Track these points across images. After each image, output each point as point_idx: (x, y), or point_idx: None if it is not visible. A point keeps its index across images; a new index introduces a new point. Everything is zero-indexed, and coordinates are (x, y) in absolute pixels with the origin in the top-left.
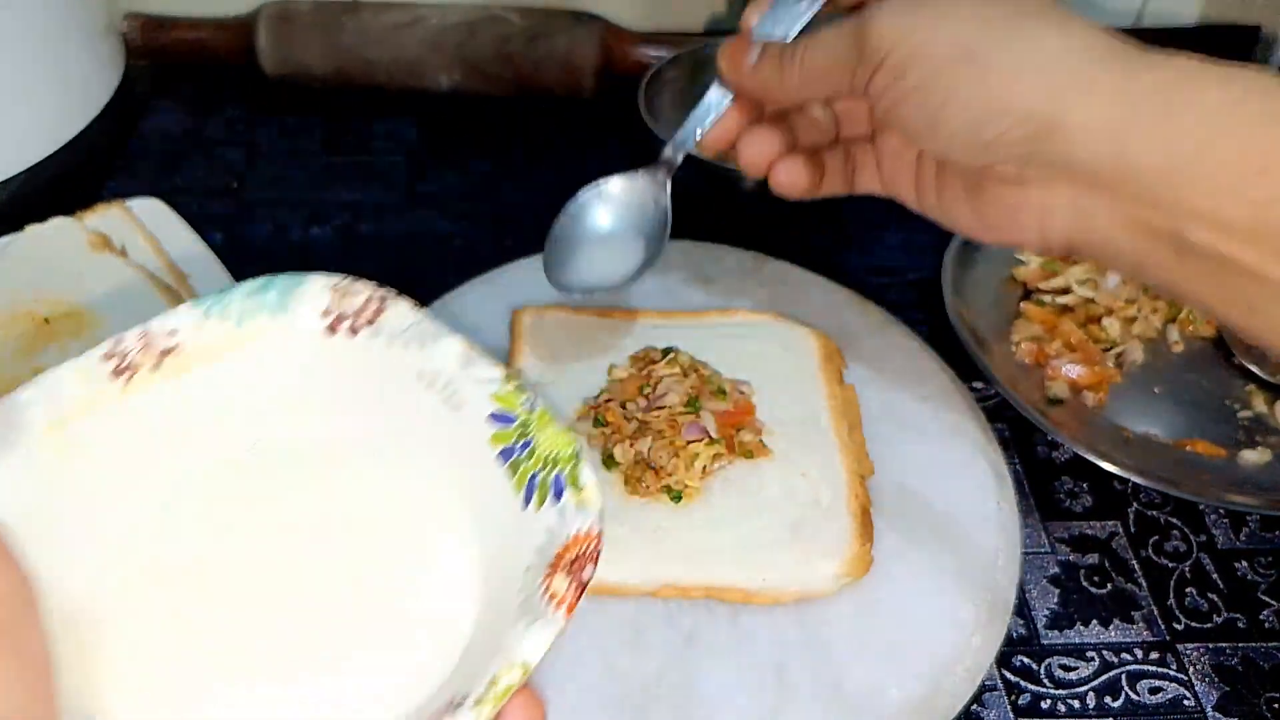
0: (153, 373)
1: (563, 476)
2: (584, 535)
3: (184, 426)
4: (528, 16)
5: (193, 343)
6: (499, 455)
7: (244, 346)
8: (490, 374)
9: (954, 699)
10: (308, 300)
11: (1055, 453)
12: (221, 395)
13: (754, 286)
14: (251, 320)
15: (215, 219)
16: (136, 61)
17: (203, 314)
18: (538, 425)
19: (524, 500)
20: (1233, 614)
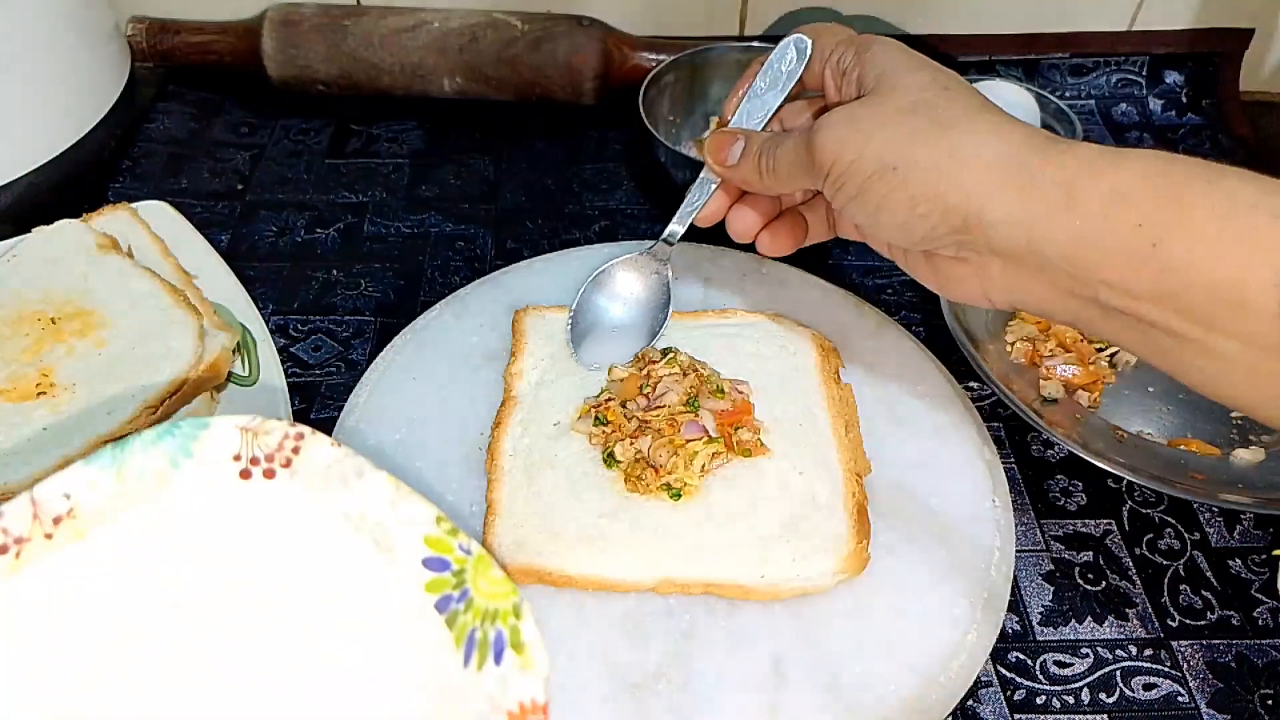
0: (46, 542)
1: (504, 634)
2: (528, 707)
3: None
4: (530, 22)
5: (89, 504)
6: (435, 605)
7: (148, 501)
8: (421, 514)
9: (949, 694)
10: (215, 445)
11: (1050, 451)
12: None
13: (752, 287)
14: (152, 472)
15: (220, 221)
16: (142, 65)
17: (96, 471)
18: (475, 571)
19: (464, 656)
20: (1226, 611)
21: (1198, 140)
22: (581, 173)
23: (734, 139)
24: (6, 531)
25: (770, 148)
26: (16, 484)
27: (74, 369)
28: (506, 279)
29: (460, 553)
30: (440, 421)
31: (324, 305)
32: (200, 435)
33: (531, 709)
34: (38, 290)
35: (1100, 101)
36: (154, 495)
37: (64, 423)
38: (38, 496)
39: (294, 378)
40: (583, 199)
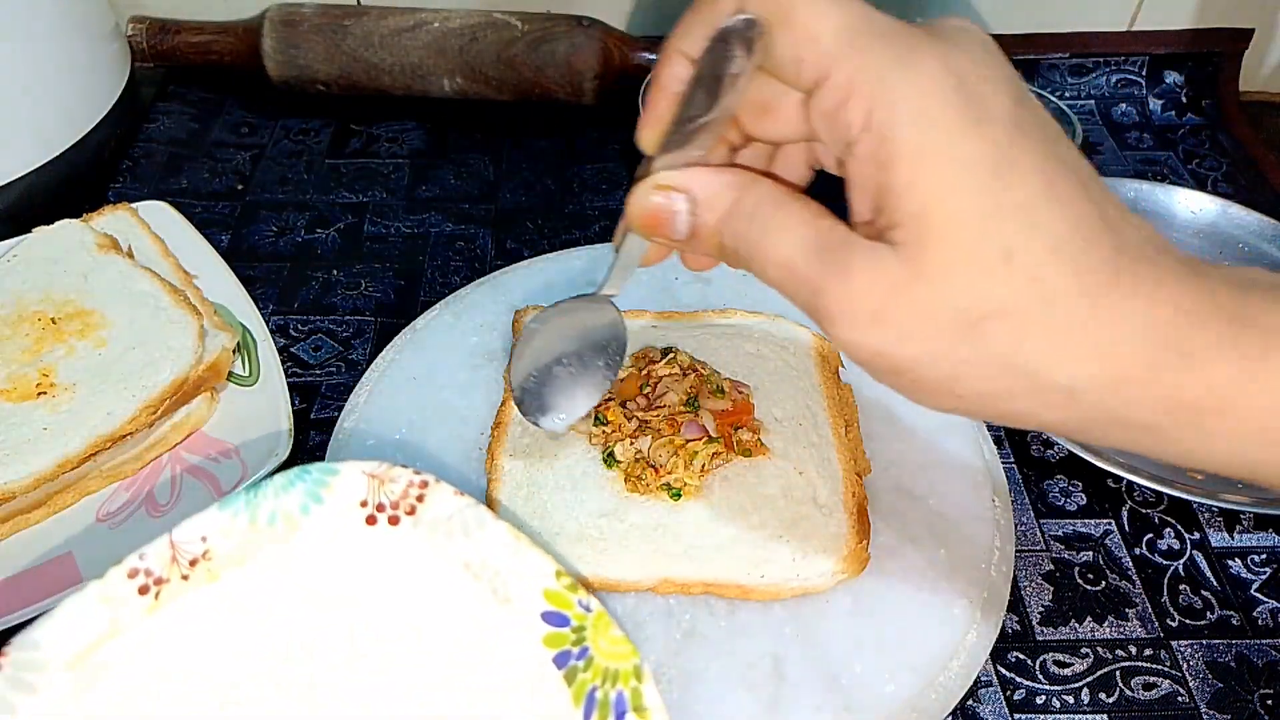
0: (183, 583)
1: (625, 696)
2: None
3: (220, 633)
4: (530, 22)
5: (221, 547)
6: (554, 660)
7: (278, 545)
8: (541, 567)
9: (949, 694)
10: (343, 491)
11: (1049, 451)
12: (257, 597)
13: (752, 287)
14: (283, 517)
15: (220, 221)
16: (142, 65)
17: (231, 516)
18: (595, 630)
19: (583, 716)
20: (1226, 611)
21: (1197, 140)
22: (581, 173)
23: (670, 205)
24: (148, 573)
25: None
26: (17, 484)
27: (74, 369)
28: (506, 279)
29: (580, 609)
30: (440, 421)
31: (324, 305)
32: (330, 481)
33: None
34: (38, 290)
35: (1100, 101)
36: (284, 539)
37: (64, 423)
38: (176, 539)
39: (294, 378)
40: (582, 199)
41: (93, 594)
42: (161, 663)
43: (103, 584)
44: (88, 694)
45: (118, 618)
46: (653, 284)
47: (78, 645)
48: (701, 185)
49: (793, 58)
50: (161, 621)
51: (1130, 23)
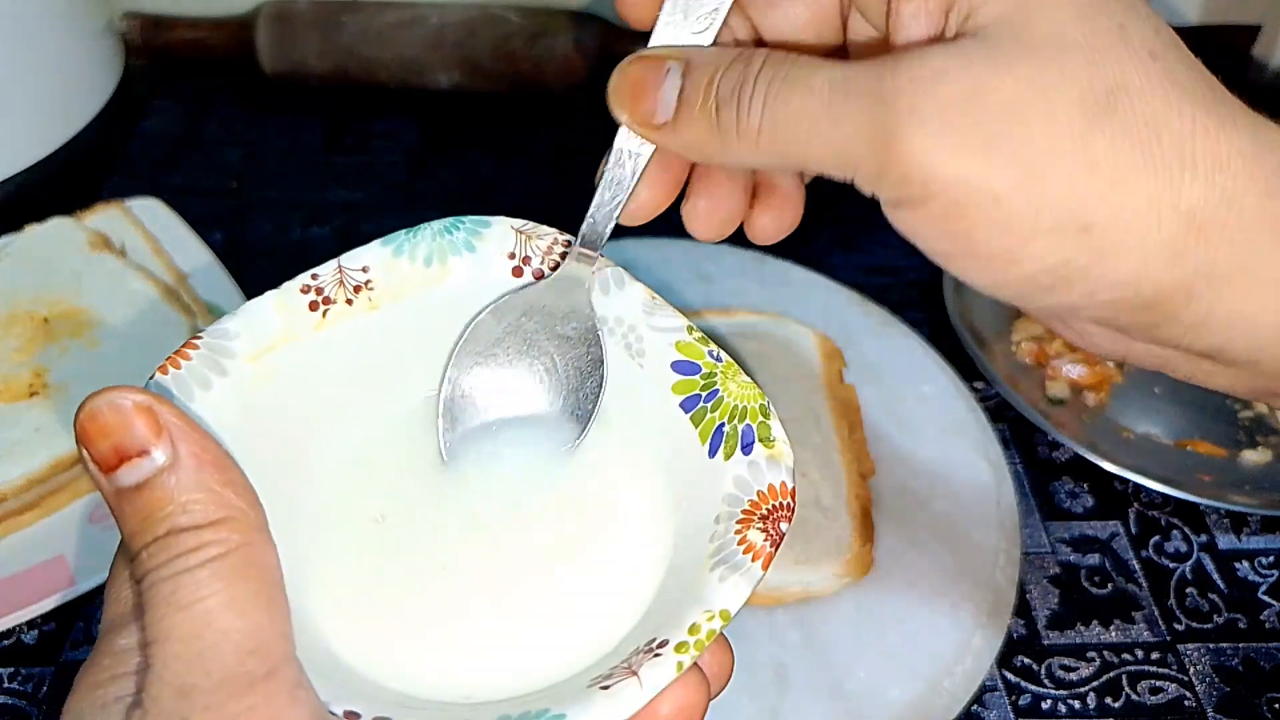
0: (347, 307)
1: (752, 429)
2: (778, 488)
3: (377, 362)
4: (527, 16)
5: (383, 280)
6: (682, 404)
7: (433, 286)
8: (673, 323)
9: (954, 699)
10: (494, 242)
11: (1056, 453)
12: (412, 333)
13: (754, 286)
14: (439, 260)
15: (214, 219)
16: (135, 61)
17: (392, 252)
18: (724, 375)
19: (710, 450)
20: (1233, 614)
21: None
22: (580, 168)
23: (660, 70)
24: (319, 290)
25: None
26: (8, 485)
27: (66, 368)
28: None
29: (710, 359)
30: None
31: None
32: (482, 232)
33: (781, 492)
34: (30, 289)
35: None
36: (439, 280)
37: (56, 423)
38: (344, 264)
39: None
40: (581, 195)
41: (271, 300)
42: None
43: (279, 293)
44: (265, 386)
45: (291, 325)
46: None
47: (259, 343)
48: (698, 52)
49: None
50: (328, 337)
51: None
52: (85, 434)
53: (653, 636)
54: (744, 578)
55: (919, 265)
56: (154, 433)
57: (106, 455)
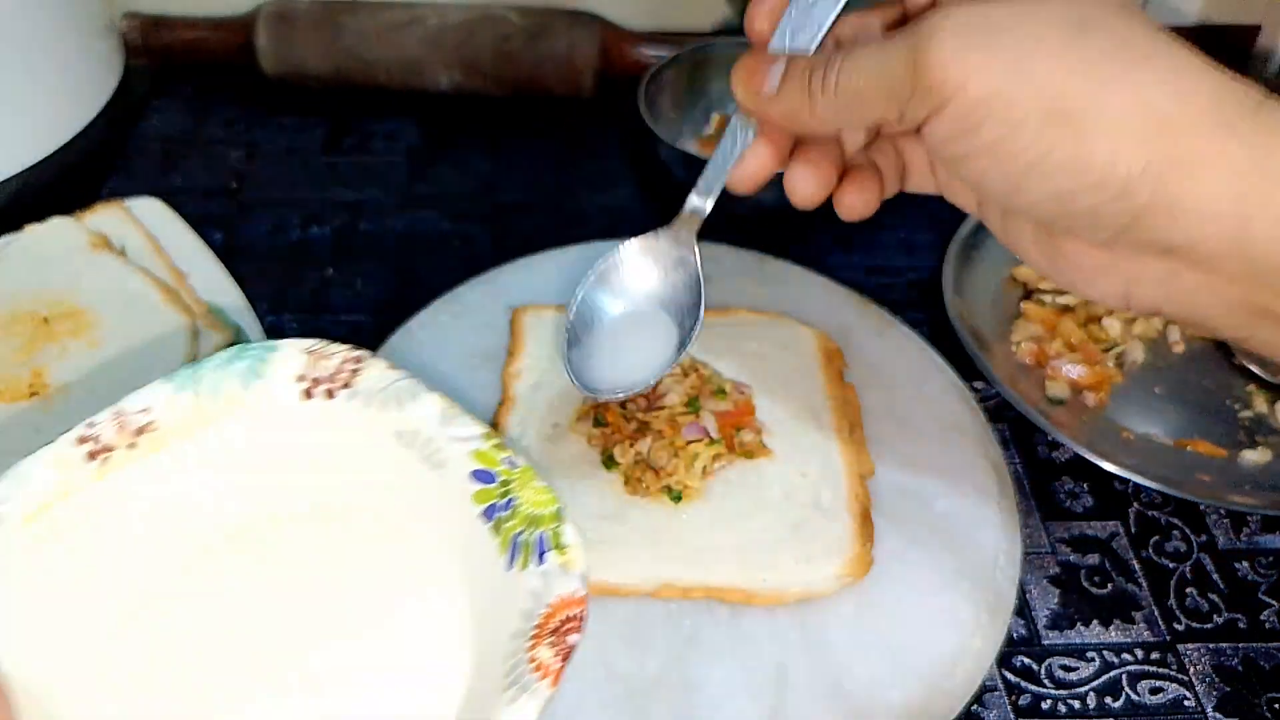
0: (129, 451)
1: (546, 537)
2: (569, 599)
3: (166, 501)
4: (527, 16)
5: (167, 419)
6: (482, 514)
7: (220, 418)
8: (470, 431)
9: (954, 699)
10: (281, 367)
11: (1056, 453)
12: (202, 467)
13: (754, 286)
14: (225, 391)
15: (214, 219)
16: (135, 61)
17: (175, 389)
18: (520, 483)
19: (508, 560)
20: (1233, 614)
21: None
22: (580, 170)
23: (770, 60)
24: (97, 440)
25: (831, 64)
26: None
27: (66, 369)
28: (504, 278)
29: (506, 465)
30: None
31: (319, 304)
32: (269, 358)
33: (572, 601)
34: (30, 289)
35: None
36: (227, 411)
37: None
38: (123, 408)
39: None
40: (581, 196)
41: (45, 456)
42: (110, 524)
43: (54, 447)
44: (45, 547)
45: (68, 479)
46: None
47: (33, 503)
48: (800, 56)
49: None
50: (110, 486)
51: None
52: None
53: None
54: (532, 698)
55: (919, 265)
56: None
57: None
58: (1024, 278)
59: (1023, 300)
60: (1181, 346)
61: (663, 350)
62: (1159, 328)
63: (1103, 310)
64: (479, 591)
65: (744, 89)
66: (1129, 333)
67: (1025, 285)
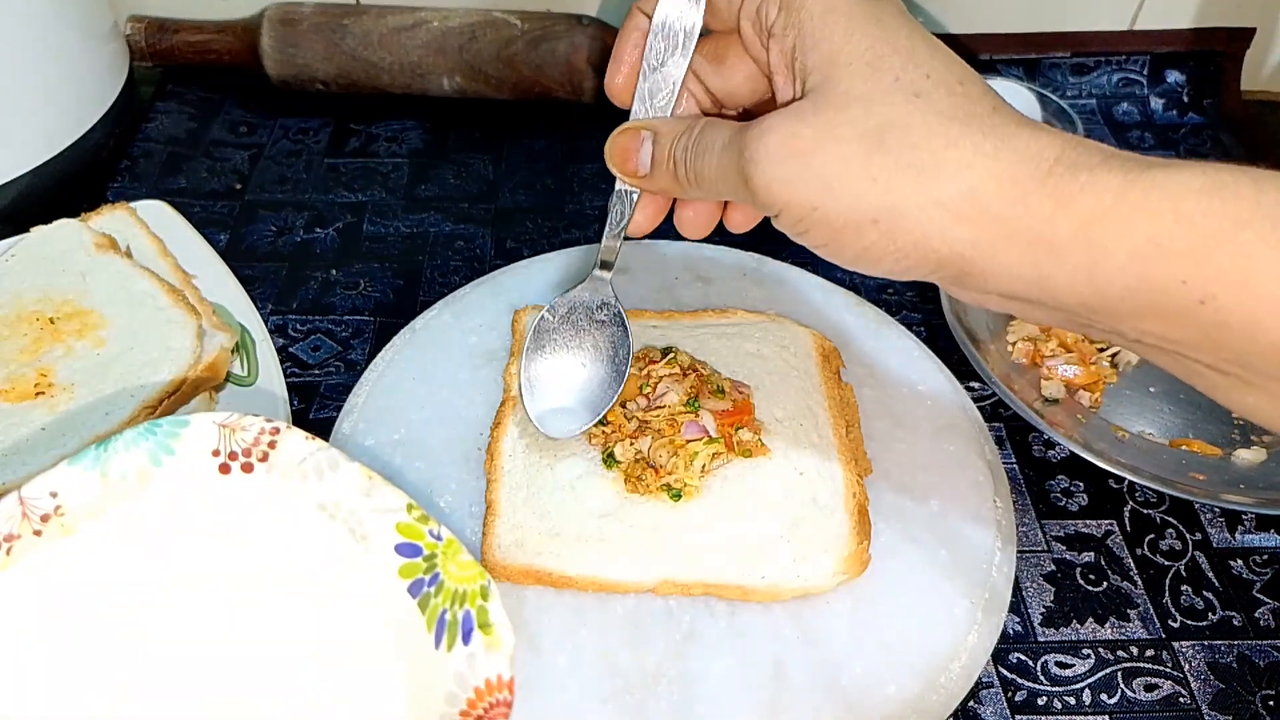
0: (36, 538)
1: (472, 615)
2: (494, 683)
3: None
4: (529, 20)
5: (75, 502)
6: (409, 589)
7: (132, 496)
8: (393, 503)
9: (950, 695)
10: (194, 442)
11: (1051, 452)
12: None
13: (752, 287)
14: (135, 470)
15: (219, 220)
16: (141, 64)
17: (81, 470)
18: (445, 557)
19: (435, 638)
20: (1228, 612)
21: (1199, 140)
22: (581, 172)
23: (638, 138)
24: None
25: (691, 155)
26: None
27: (72, 369)
28: (506, 279)
29: (431, 538)
30: (440, 422)
31: (323, 305)
32: (180, 433)
33: (497, 685)
34: (36, 290)
35: (1101, 101)
36: (139, 491)
37: (62, 423)
38: (25, 495)
39: (293, 378)
40: (582, 198)
41: None
42: (19, 614)
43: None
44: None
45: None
46: (653, 284)
47: None
48: (662, 123)
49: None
50: (16, 575)
51: (1132, 22)
52: None
53: None
54: None
55: None
56: None
57: None
58: None
59: None
60: None
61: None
62: None
63: None
64: (413, 668)
65: (620, 171)
66: None
67: None
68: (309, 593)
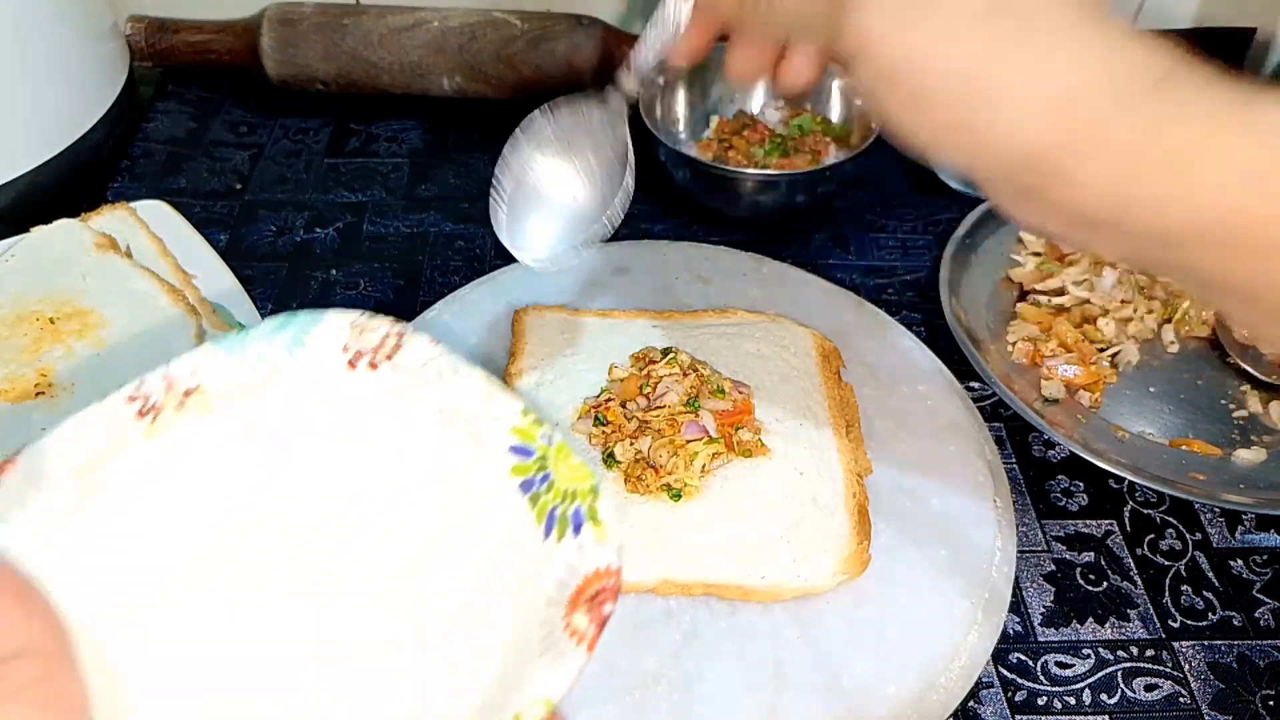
0: (177, 413)
1: (582, 511)
2: (604, 571)
3: (209, 464)
4: (528, 20)
5: (214, 383)
6: (519, 487)
7: (265, 385)
8: (509, 408)
9: (950, 695)
10: (325, 337)
11: (1051, 452)
12: (245, 432)
13: (752, 287)
14: (271, 359)
15: (219, 220)
16: (141, 64)
17: (223, 353)
18: (556, 459)
19: (544, 532)
20: (1228, 612)
21: None
22: None
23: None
24: (146, 399)
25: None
26: None
27: (72, 369)
28: (506, 279)
29: (543, 441)
30: None
31: (323, 305)
32: (313, 328)
33: (606, 573)
34: (36, 290)
35: None
36: (271, 379)
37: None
38: (172, 370)
39: None
40: None
41: (94, 412)
42: (156, 484)
43: (104, 405)
44: (89, 504)
45: (117, 437)
46: (653, 284)
47: (81, 457)
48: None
49: None
50: (158, 447)
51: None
52: None
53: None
54: (568, 663)
55: (915, 267)
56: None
57: None
58: (1019, 278)
59: (1018, 301)
60: (1176, 346)
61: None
62: (1153, 328)
63: (1098, 310)
64: (516, 562)
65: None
66: (1123, 333)
67: (1020, 286)
68: (422, 494)
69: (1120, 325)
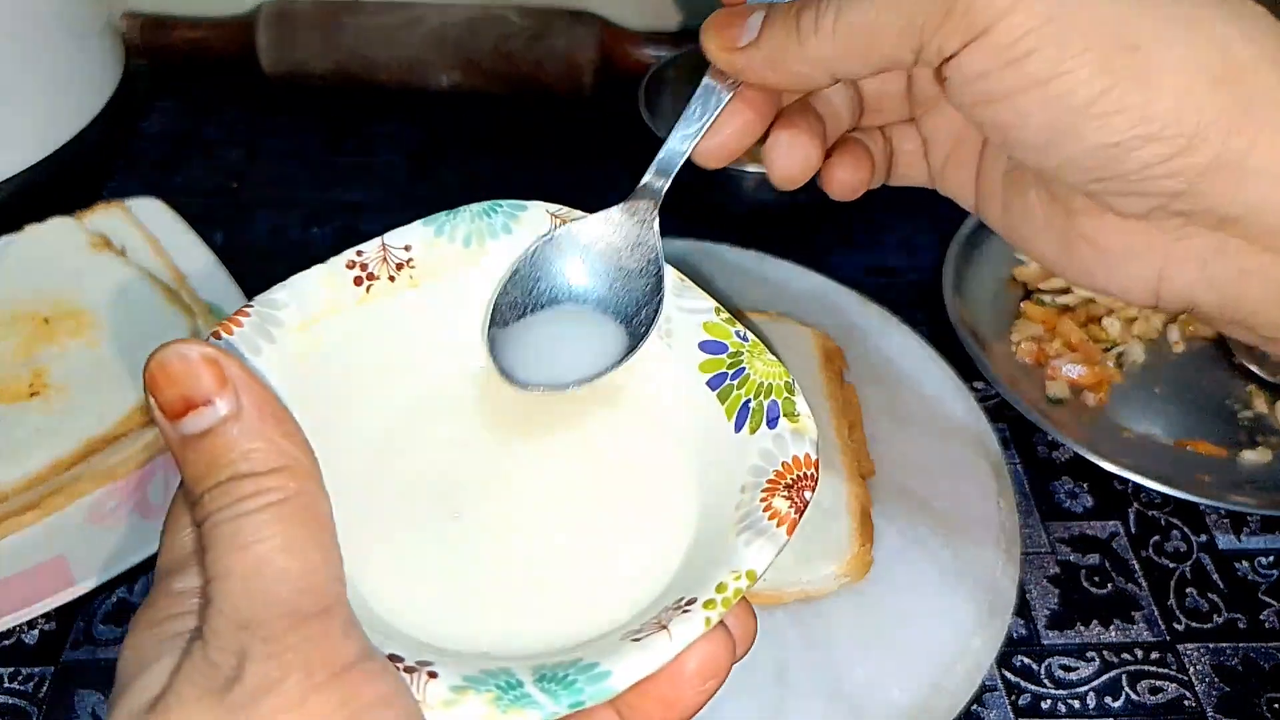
0: (389, 284)
1: (777, 404)
2: (802, 460)
3: (415, 337)
4: (528, 16)
5: (424, 259)
6: (709, 382)
7: (470, 266)
8: (702, 305)
9: (954, 699)
10: (529, 225)
11: (1055, 453)
12: (449, 311)
13: (754, 285)
14: (478, 242)
15: (215, 219)
16: (136, 61)
17: (434, 232)
18: (750, 355)
19: (736, 424)
20: (1233, 614)
21: None
22: (580, 169)
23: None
24: (363, 266)
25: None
26: (9, 485)
27: (66, 369)
28: None
29: (737, 339)
30: None
31: None
32: (519, 215)
33: (805, 463)
34: (30, 289)
35: None
36: (475, 261)
37: (57, 423)
38: (388, 241)
39: None
40: (581, 196)
41: (318, 273)
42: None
43: (326, 267)
44: (311, 354)
45: (336, 299)
46: None
47: (306, 313)
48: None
49: None
50: (370, 311)
51: None
52: (154, 382)
53: (681, 595)
54: (769, 541)
55: (919, 265)
56: (219, 384)
57: (173, 403)
58: (1024, 278)
59: (1023, 300)
60: (1181, 346)
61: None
62: (1158, 327)
63: (1103, 310)
64: (705, 449)
65: (716, 41)
66: (1129, 333)
67: (1025, 285)
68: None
69: (1125, 324)
